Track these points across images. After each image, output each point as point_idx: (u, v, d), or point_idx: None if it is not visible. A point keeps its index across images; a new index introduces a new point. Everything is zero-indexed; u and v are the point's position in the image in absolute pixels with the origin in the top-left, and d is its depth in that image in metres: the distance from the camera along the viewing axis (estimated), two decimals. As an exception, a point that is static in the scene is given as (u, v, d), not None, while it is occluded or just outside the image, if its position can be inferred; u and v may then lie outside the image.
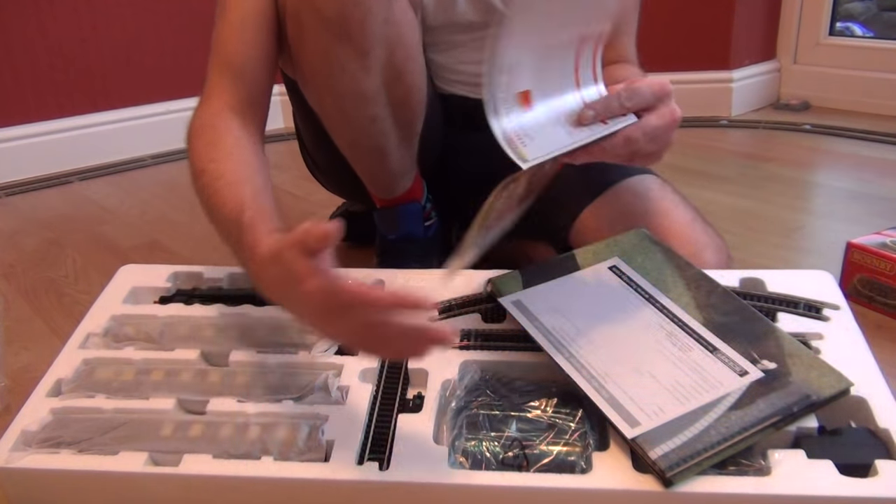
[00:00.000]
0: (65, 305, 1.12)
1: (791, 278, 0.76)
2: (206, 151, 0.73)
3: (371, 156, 0.92)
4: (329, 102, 0.86)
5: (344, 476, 0.59)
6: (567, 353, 0.66)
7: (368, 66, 0.81)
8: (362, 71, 0.81)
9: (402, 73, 0.86)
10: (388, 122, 0.88)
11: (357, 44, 0.79)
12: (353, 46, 0.79)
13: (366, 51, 0.80)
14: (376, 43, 0.80)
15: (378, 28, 0.79)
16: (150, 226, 1.44)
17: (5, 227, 1.46)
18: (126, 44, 1.83)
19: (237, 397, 0.67)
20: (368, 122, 0.87)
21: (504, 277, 0.76)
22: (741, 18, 1.93)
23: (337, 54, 0.79)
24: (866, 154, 1.67)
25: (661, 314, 0.69)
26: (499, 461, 0.59)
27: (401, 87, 0.87)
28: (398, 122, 0.89)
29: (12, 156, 1.73)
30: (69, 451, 0.63)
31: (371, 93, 0.84)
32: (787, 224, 1.29)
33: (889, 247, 0.98)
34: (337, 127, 0.89)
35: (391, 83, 0.85)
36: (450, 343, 0.59)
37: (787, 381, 0.61)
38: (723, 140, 1.84)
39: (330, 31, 0.77)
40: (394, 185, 0.97)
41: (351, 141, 0.91)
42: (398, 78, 0.86)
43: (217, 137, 0.74)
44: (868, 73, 1.95)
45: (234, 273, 0.84)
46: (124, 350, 0.73)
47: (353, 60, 0.80)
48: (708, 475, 0.56)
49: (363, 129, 0.88)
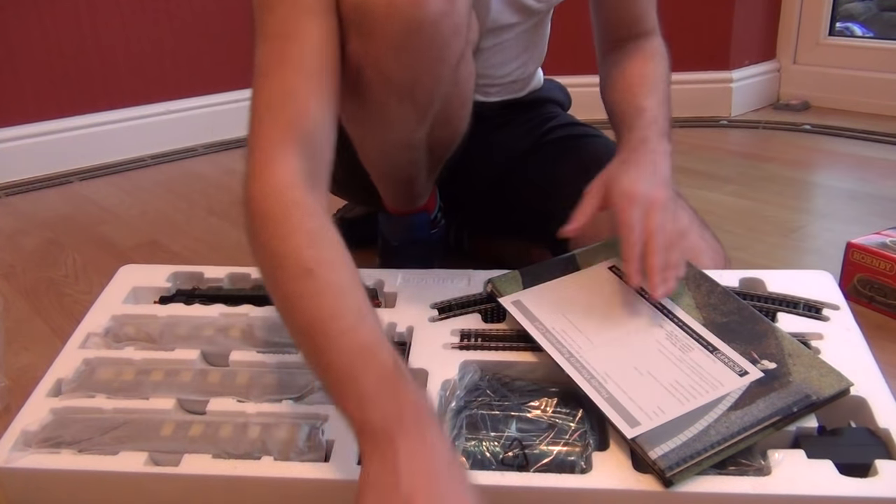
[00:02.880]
0: (65, 305, 1.12)
1: (791, 278, 0.76)
2: (306, 243, 0.56)
3: (399, 182, 0.92)
4: (372, 145, 0.84)
5: (344, 476, 0.59)
6: (567, 353, 0.66)
7: (425, 121, 0.78)
8: (418, 124, 0.78)
9: (450, 120, 0.84)
10: (424, 159, 0.88)
11: (420, 105, 0.75)
12: (415, 107, 0.74)
13: (427, 111, 0.76)
14: (438, 102, 0.76)
15: (444, 90, 0.75)
16: (150, 226, 1.43)
17: (5, 227, 1.46)
18: (126, 44, 1.83)
19: (237, 397, 0.67)
20: (407, 163, 0.86)
21: (504, 277, 0.76)
22: (741, 18, 1.93)
23: (397, 112, 0.74)
24: (866, 154, 1.67)
25: (660, 314, 0.69)
26: (499, 461, 0.59)
27: (446, 131, 0.86)
28: (432, 158, 0.89)
29: (12, 156, 1.73)
30: (69, 451, 0.63)
31: (418, 141, 0.82)
32: (787, 224, 1.29)
33: (889, 247, 0.98)
34: (373, 161, 0.87)
35: (436, 127, 0.83)
36: None
37: (787, 381, 0.61)
38: (723, 140, 1.84)
39: (395, 93, 0.71)
40: (413, 203, 0.98)
41: (383, 173, 0.90)
42: (446, 123, 0.84)
43: (314, 229, 0.58)
44: (868, 73, 1.94)
45: (234, 273, 0.84)
46: (124, 350, 0.73)
47: (412, 119, 0.76)
48: (708, 475, 0.56)
49: (400, 166, 0.87)
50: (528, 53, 1.01)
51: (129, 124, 1.87)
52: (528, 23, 0.96)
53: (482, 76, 0.95)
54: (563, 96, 1.14)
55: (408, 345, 0.72)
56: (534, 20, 0.97)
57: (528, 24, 0.96)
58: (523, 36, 0.97)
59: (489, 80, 0.99)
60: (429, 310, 0.76)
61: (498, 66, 0.98)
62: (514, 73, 1.01)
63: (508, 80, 1.01)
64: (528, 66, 1.03)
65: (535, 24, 0.98)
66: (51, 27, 1.72)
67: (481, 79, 0.96)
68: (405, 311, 0.76)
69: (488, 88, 1.00)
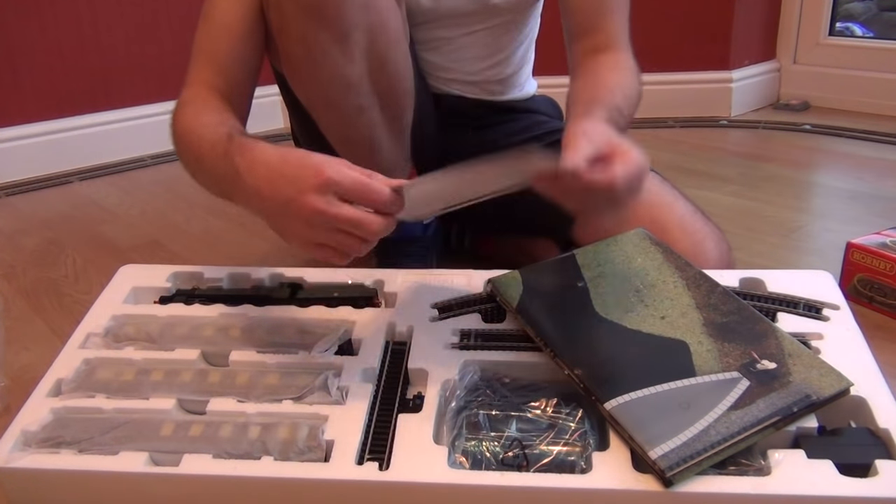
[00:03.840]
0: (65, 305, 1.12)
1: (791, 278, 0.76)
2: (191, 116, 0.76)
3: (362, 149, 0.92)
4: (314, 92, 0.86)
5: (344, 476, 0.59)
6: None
7: (349, 52, 0.81)
8: (343, 56, 0.81)
9: (385, 61, 0.86)
10: (376, 111, 0.88)
11: (335, 28, 0.79)
12: (331, 31, 0.79)
13: (344, 34, 0.80)
14: (354, 27, 0.80)
15: (356, 12, 0.80)
16: (150, 226, 1.44)
17: (5, 227, 1.46)
18: (126, 44, 1.83)
19: (237, 397, 0.67)
20: (355, 112, 0.87)
21: (504, 277, 0.76)
22: (741, 18, 1.93)
23: (317, 39, 0.80)
24: (866, 154, 1.67)
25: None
26: (499, 461, 0.59)
27: (385, 75, 0.87)
28: (386, 113, 0.90)
29: (12, 156, 1.73)
30: (69, 451, 0.63)
31: (354, 79, 0.84)
32: (787, 224, 1.29)
33: (889, 247, 0.98)
34: (326, 120, 0.90)
35: (375, 71, 0.85)
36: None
37: (787, 381, 0.61)
38: (723, 140, 1.84)
39: (308, 16, 0.78)
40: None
41: (341, 135, 0.91)
42: (382, 66, 0.86)
43: (201, 106, 0.78)
44: (868, 73, 1.95)
45: (234, 273, 0.84)
46: (124, 350, 0.73)
47: (332, 45, 0.80)
48: (708, 475, 0.56)
49: (351, 120, 0.88)
50: (499, 56, 1.03)
51: (129, 124, 1.87)
52: (490, 21, 0.98)
53: (446, 68, 1.02)
54: (554, 110, 1.15)
55: (408, 345, 0.72)
56: (497, 20, 0.98)
57: (492, 23, 0.98)
58: (488, 35, 1.00)
59: (453, 73, 1.03)
60: (429, 310, 0.76)
61: (463, 60, 1.01)
62: (485, 72, 1.03)
63: (478, 78, 1.04)
64: (499, 68, 1.04)
65: (501, 25, 1.00)
66: (51, 27, 1.72)
67: (445, 71, 1.03)
68: (405, 311, 0.76)
69: (452, 82, 1.04)
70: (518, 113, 1.09)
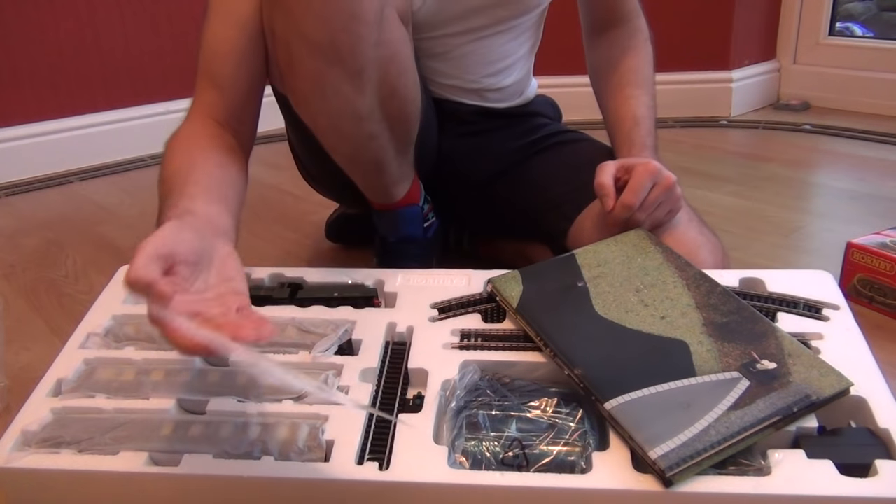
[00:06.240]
0: (65, 305, 1.12)
1: (791, 278, 0.76)
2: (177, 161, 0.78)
3: (369, 169, 0.92)
4: (324, 123, 0.85)
5: (344, 476, 0.59)
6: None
7: (362, 87, 0.81)
8: (356, 92, 0.81)
9: (395, 89, 0.85)
10: (385, 136, 0.88)
11: (349, 67, 0.78)
12: (344, 70, 0.78)
13: (358, 72, 0.79)
14: (368, 64, 0.79)
15: (369, 51, 0.79)
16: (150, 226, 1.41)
17: (5, 227, 1.46)
18: (126, 44, 1.83)
19: (237, 397, 0.67)
20: (366, 139, 0.86)
21: (504, 277, 0.76)
22: (741, 18, 1.93)
23: (329, 78, 0.79)
24: (866, 154, 1.67)
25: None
26: (499, 461, 0.59)
27: (395, 102, 0.86)
28: (395, 136, 0.89)
29: (12, 156, 1.73)
30: (69, 451, 0.63)
31: (366, 111, 0.83)
32: (787, 224, 1.29)
33: (889, 247, 0.98)
34: (333, 144, 0.89)
35: (385, 100, 0.84)
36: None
37: (787, 381, 0.61)
38: (722, 140, 1.84)
39: (321, 56, 0.77)
40: (391, 193, 0.97)
41: (348, 157, 0.90)
42: (392, 94, 0.85)
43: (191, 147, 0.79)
44: (868, 73, 1.95)
45: (234, 273, 0.84)
46: (124, 350, 0.73)
47: (345, 83, 0.79)
48: (708, 475, 0.56)
49: (361, 146, 0.87)
50: (501, 65, 1.03)
51: (129, 124, 1.87)
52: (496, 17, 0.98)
53: (446, 74, 1.02)
54: (553, 111, 1.15)
55: (408, 345, 0.72)
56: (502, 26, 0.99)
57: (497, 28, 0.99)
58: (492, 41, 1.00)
59: (453, 79, 1.03)
60: (429, 310, 0.76)
61: (464, 67, 1.01)
62: (486, 80, 1.03)
63: (478, 86, 1.04)
64: (499, 77, 1.04)
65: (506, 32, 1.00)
66: (51, 27, 1.72)
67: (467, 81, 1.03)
68: (405, 311, 0.76)
69: (451, 88, 1.03)
70: (516, 117, 1.09)
